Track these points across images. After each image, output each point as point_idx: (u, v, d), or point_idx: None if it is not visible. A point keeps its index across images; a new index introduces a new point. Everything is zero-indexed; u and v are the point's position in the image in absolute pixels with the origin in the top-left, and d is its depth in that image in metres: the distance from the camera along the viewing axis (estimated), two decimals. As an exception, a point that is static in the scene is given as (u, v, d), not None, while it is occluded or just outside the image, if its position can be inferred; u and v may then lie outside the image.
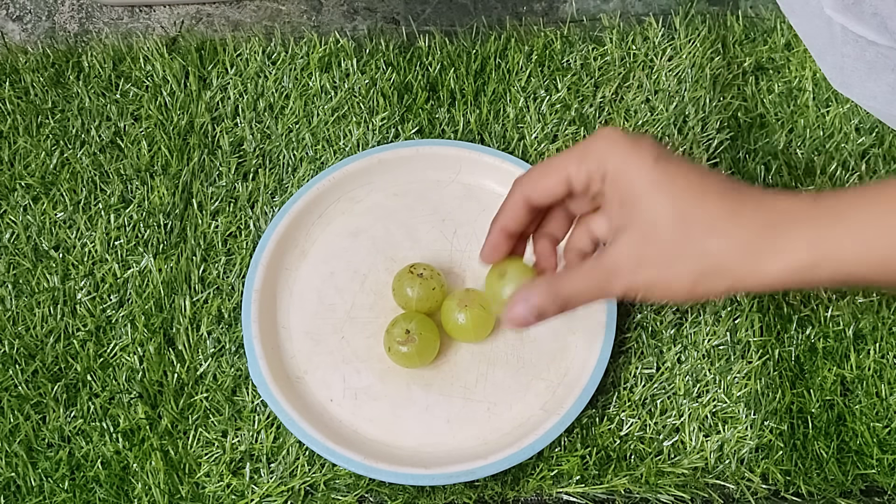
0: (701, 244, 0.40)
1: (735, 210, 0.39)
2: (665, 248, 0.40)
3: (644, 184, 0.41)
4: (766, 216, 0.39)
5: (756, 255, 0.39)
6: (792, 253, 0.38)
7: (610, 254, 0.42)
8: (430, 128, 0.63)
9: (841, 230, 0.38)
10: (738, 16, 0.68)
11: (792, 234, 0.38)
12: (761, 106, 0.64)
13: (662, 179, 0.40)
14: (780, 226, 0.39)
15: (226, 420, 0.54)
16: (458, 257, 0.59)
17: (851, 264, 0.39)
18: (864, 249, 0.38)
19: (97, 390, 0.55)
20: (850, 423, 0.54)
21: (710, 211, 0.39)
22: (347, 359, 0.56)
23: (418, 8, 0.70)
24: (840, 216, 0.38)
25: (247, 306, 0.55)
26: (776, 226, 0.39)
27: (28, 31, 0.70)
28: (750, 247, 0.39)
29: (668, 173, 0.40)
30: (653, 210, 0.41)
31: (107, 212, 0.60)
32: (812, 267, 0.39)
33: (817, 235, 0.38)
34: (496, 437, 0.53)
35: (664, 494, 0.52)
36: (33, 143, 0.63)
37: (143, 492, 0.52)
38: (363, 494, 0.53)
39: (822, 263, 0.38)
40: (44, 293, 0.58)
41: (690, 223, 0.40)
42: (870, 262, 0.38)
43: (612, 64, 0.66)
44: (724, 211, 0.39)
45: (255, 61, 0.66)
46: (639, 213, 0.41)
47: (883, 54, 0.47)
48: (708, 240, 0.39)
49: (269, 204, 0.61)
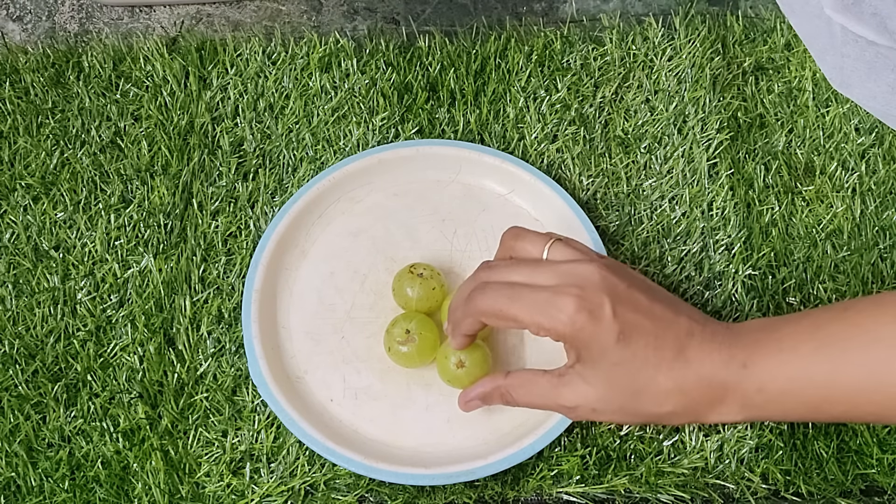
0: (654, 409, 0.47)
1: (681, 387, 0.46)
2: (620, 408, 0.47)
3: (605, 363, 0.47)
4: (705, 391, 0.46)
5: (698, 416, 0.48)
6: (728, 416, 0.47)
7: (568, 394, 0.48)
8: (430, 128, 0.63)
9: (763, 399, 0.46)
10: (737, 16, 0.68)
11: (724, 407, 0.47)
12: (761, 106, 0.64)
13: (621, 361, 0.46)
14: (716, 400, 0.47)
15: (226, 420, 0.54)
16: (458, 257, 0.59)
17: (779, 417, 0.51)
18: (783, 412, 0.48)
19: (97, 390, 0.55)
20: (849, 422, 0.54)
21: (661, 387, 0.46)
22: (347, 359, 0.56)
23: (418, 8, 0.70)
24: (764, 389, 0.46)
25: (247, 306, 0.55)
26: (712, 401, 0.47)
27: (28, 31, 0.70)
28: (691, 413, 0.47)
29: (627, 354, 0.46)
30: (611, 382, 0.47)
31: (107, 212, 0.60)
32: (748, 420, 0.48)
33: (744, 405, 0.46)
34: (496, 437, 0.53)
35: (664, 494, 0.52)
36: (33, 143, 0.63)
37: (143, 492, 0.52)
38: (363, 494, 0.53)
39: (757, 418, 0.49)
40: (44, 293, 0.58)
41: (644, 396, 0.47)
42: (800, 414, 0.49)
43: (612, 64, 0.66)
44: (672, 386, 0.46)
45: (255, 61, 0.66)
46: (598, 378, 0.47)
47: (883, 54, 0.47)
48: (659, 407, 0.47)
49: (269, 204, 0.61)
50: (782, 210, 0.60)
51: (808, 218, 0.60)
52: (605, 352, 0.46)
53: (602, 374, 0.47)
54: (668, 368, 0.46)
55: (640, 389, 0.47)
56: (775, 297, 0.58)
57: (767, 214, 0.60)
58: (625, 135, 0.63)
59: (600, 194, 0.61)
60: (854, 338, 0.44)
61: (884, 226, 0.60)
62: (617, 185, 0.62)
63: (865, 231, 0.60)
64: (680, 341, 0.47)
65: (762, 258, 0.59)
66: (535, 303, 0.47)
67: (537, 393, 0.49)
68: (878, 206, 0.61)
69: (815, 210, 0.61)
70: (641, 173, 0.62)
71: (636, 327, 0.46)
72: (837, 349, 0.44)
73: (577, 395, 0.47)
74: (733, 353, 0.46)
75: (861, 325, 0.44)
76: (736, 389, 0.46)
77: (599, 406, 0.47)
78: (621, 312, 0.46)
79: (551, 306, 0.47)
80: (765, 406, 0.46)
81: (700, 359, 0.46)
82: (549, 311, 0.47)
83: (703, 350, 0.47)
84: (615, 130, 0.63)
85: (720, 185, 0.61)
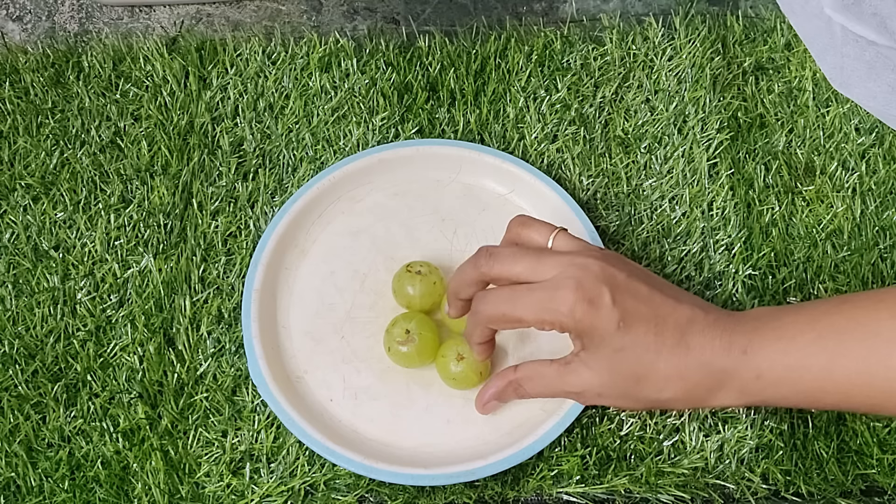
0: (656, 395, 0.48)
1: (682, 373, 0.47)
2: (623, 393, 0.48)
3: (607, 350, 0.47)
4: (705, 376, 0.47)
5: (698, 402, 0.49)
6: (726, 401, 0.48)
7: (574, 381, 0.49)
8: (430, 128, 0.63)
9: (761, 386, 0.46)
10: (738, 16, 0.68)
11: (723, 392, 0.47)
12: (761, 106, 0.64)
13: (623, 347, 0.47)
14: (715, 386, 0.47)
15: (226, 420, 0.54)
16: (458, 257, 0.59)
17: (777, 403, 0.51)
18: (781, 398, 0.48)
19: (97, 390, 0.55)
20: (850, 422, 0.54)
21: (662, 373, 0.47)
22: (347, 359, 0.56)
23: (418, 8, 0.70)
24: (762, 376, 0.46)
25: (247, 306, 0.55)
26: (712, 387, 0.47)
27: (28, 31, 0.70)
28: (692, 399, 0.48)
29: (628, 340, 0.47)
30: (613, 369, 0.48)
31: (107, 212, 0.60)
32: (746, 404, 0.49)
33: (743, 391, 0.47)
34: (496, 437, 0.53)
35: (664, 494, 0.52)
36: (33, 143, 0.63)
37: (143, 492, 0.52)
38: (363, 494, 0.53)
39: (754, 403, 0.48)
40: (44, 293, 0.58)
41: (646, 382, 0.47)
42: (796, 402, 0.49)
43: (612, 64, 0.66)
44: (673, 372, 0.47)
45: (255, 61, 0.66)
46: (601, 365, 0.48)
47: (883, 54, 0.47)
48: (661, 393, 0.48)
49: (269, 204, 0.61)
50: (782, 210, 0.60)
51: (808, 218, 0.60)
52: (607, 339, 0.47)
53: (604, 360, 0.48)
54: (669, 355, 0.47)
55: (641, 375, 0.47)
56: (775, 297, 0.58)
57: (767, 214, 0.60)
58: (625, 135, 0.63)
59: (600, 194, 0.61)
60: (851, 331, 0.45)
61: (884, 226, 0.60)
62: (617, 185, 0.62)
63: (865, 231, 0.60)
64: (681, 328, 0.47)
65: (762, 258, 0.59)
66: (536, 301, 0.48)
67: (546, 382, 0.50)
68: (878, 206, 0.61)
69: (816, 210, 0.61)
70: (641, 173, 0.62)
71: (636, 314, 0.47)
72: (835, 341, 0.45)
73: (581, 381, 0.48)
74: (734, 339, 0.47)
75: (859, 320, 0.45)
76: (735, 376, 0.47)
77: (604, 391, 0.49)
78: (621, 300, 0.47)
79: (551, 302, 0.47)
80: (762, 392, 0.47)
81: (701, 345, 0.47)
82: (549, 306, 0.47)
83: (704, 337, 0.47)
84: (615, 130, 0.63)
85: (720, 185, 0.61)
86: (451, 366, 0.53)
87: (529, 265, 0.49)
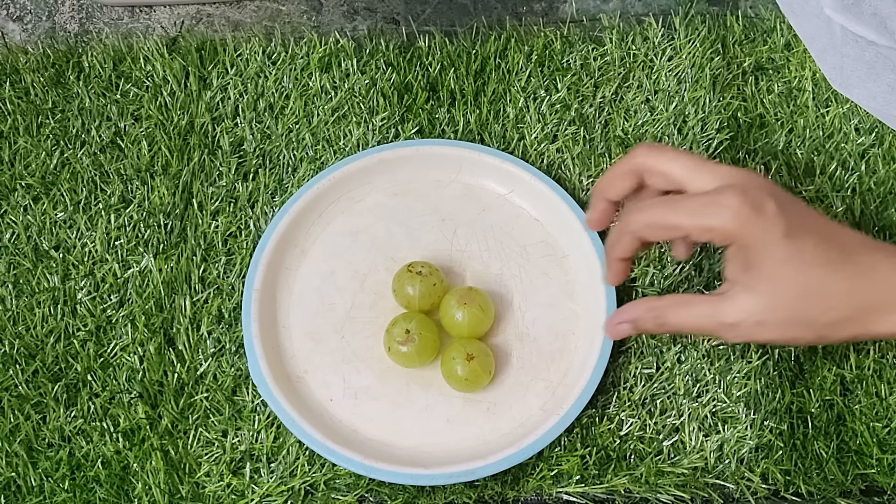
0: (821, 317, 0.45)
1: (851, 288, 0.44)
2: (786, 317, 0.45)
3: (772, 261, 0.44)
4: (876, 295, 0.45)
5: (867, 325, 0.45)
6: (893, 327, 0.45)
7: (730, 309, 0.45)
8: (430, 128, 0.63)
9: None
10: (737, 16, 0.68)
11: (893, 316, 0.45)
12: (761, 106, 0.64)
13: (789, 257, 0.44)
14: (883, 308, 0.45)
15: (226, 420, 0.54)
16: (458, 257, 0.59)
17: None
18: None
19: (97, 390, 0.55)
20: (849, 422, 0.54)
21: (830, 288, 0.44)
22: (347, 358, 0.56)
23: (418, 8, 0.70)
24: None
25: (247, 306, 0.55)
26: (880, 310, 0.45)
27: (28, 31, 0.70)
28: (859, 322, 0.45)
29: (795, 249, 0.44)
30: (778, 283, 0.44)
31: (107, 212, 0.60)
32: None
33: None
34: (496, 437, 0.53)
35: (664, 494, 0.52)
36: (33, 143, 0.63)
37: (143, 492, 0.52)
38: (363, 494, 0.53)
39: None
40: (44, 293, 0.58)
41: (812, 299, 0.44)
42: None
43: (612, 64, 0.66)
44: (842, 288, 0.44)
45: (255, 61, 0.66)
46: (764, 282, 0.45)
47: (883, 54, 0.48)
48: (827, 313, 0.45)
49: (269, 204, 0.61)
50: (782, 210, 0.60)
51: (808, 218, 0.60)
52: (771, 248, 0.44)
53: (768, 275, 0.45)
54: (837, 269, 0.45)
55: (807, 291, 0.44)
56: (775, 297, 0.58)
57: (767, 214, 0.60)
58: (625, 135, 0.63)
59: (600, 194, 0.61)
60: None
61: (884, 226, 0.60)
62: (617, 185, 0.62)
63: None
64: (847, 245, 0.45)
65: (762, 258, 0.59)
66: (697, 205, 0.46)
67: (694, 312, 0.47)
68: (878, 206, 0.61)
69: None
70: (641, 173, 0.62)
71: (803, 226, 0.45)
72: None
73: (740, 308, 0.45)
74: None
75: None
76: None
77: (765, 316, 0.45)
78: (787, 209, 0.45)
79: (714, 205, 0.45)
80: None
81: (872, 264, 0.45)
82: (712, 209, 0.45)
83: (872, 257, 0.45)
84: (615, 130, 0.63)
85: (720, 185, 0.61)
86: (460, 367, 0.53)
87: (689, 164, 0.47)
